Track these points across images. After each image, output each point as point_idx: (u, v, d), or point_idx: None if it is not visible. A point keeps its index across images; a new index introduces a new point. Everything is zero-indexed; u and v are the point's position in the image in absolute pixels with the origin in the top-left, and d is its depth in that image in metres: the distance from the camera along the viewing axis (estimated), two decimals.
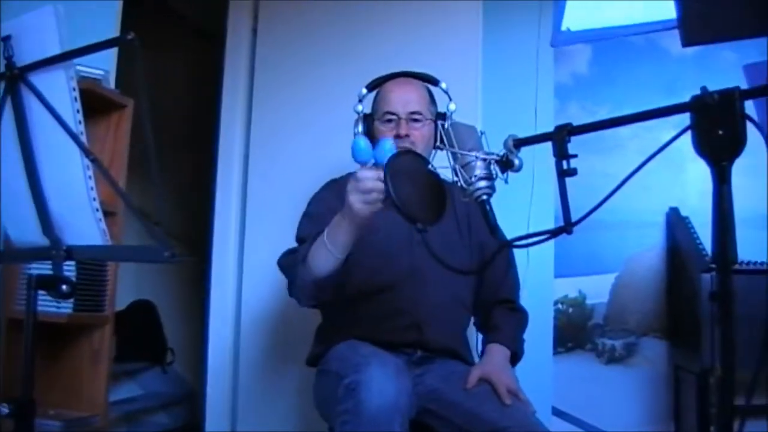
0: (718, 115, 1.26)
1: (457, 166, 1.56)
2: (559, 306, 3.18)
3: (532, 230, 1.49)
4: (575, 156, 1.41)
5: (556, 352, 3.17)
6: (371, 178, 1.84)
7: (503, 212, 1.58)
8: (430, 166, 1.70)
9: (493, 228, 1.55)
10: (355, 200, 1.88)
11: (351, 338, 2.24)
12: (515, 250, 2.53)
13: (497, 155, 1.54)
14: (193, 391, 4.46)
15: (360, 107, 2.42)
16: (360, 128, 2.41)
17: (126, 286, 3.24)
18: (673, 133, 1.30)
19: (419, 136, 2.34)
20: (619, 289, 3.12)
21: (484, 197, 1.54)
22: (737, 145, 1.26)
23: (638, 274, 3.09)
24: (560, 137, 1.41)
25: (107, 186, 1.46)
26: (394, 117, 2.35)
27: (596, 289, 3.15)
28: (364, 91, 2.45)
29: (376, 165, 1.84)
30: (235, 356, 3.45)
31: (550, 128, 1.43)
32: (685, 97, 1.28)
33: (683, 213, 3.02)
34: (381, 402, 1.80)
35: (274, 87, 3.51)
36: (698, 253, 2.83)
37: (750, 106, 1.25)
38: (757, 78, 2.02)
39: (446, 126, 1.67)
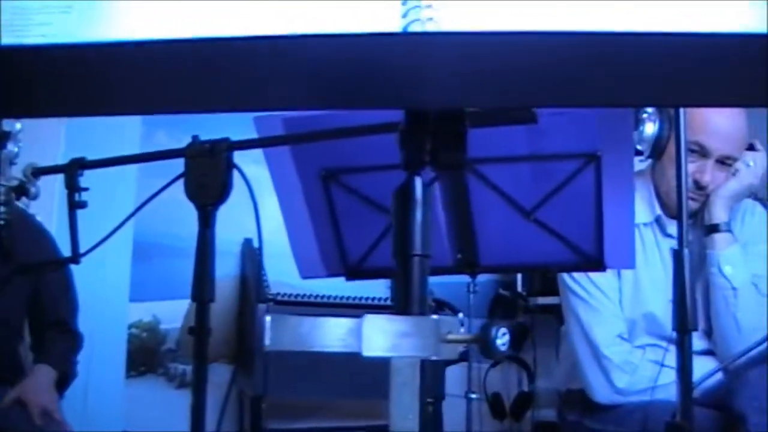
0: (208, 163, 1.42)
1: None
2: (133, 330, 3.21)
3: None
4: (87, 189, 1.49)
5: (128, 376, 3.19)
6: None
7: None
8: None
9: (6, 253, 1.58)
10: None
11: None
12: (89, 273, 2.52)
13: (16, 181, 1.56)
14: None
15: None
16: None
17: None
18: None
19: None
20: (192, 315, 3.21)
21: (1, 222, 1.56)
22: (222, 191, 1.43)
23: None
24: (72, 170, 1.48)
25: None
26: None
27: (171, 315, 3.22)
28: None
29: None
30: None
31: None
32: None
33: (257, 245, 3.20)
34: None
35: None
36: (260, 283, 3.01)
37: None
38: (267, 129, 2.21)
39: None
